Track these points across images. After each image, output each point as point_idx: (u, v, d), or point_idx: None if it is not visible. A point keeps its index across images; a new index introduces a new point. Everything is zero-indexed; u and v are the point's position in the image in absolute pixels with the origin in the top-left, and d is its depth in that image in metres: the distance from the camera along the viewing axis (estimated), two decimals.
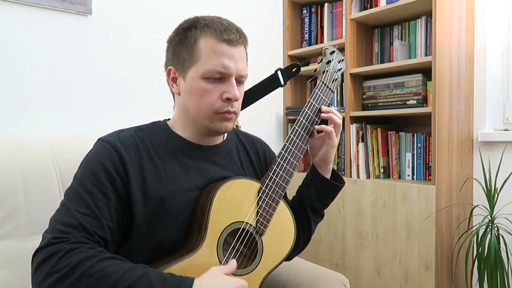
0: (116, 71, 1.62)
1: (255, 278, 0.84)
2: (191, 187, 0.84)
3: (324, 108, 0.93)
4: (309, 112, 0.91)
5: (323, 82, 0.95)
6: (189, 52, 0.83)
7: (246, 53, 0.89)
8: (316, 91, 0.93)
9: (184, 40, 0.84)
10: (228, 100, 0.83)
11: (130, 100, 1.67)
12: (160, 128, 0.89)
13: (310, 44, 2.25)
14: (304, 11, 2.28)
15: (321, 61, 0.98)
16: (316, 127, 0.92)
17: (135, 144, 0.83)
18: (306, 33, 2.27)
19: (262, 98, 1.09)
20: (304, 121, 0.91)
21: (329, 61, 0.97)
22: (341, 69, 0.99)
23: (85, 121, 1.53)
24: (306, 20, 2.26)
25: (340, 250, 1.95)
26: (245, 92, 0.99)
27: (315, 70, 0.98)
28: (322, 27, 2.20)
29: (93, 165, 0.79)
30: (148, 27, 1.71)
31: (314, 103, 0.92)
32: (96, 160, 0.79)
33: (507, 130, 1.83)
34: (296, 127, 0.90)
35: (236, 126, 1.80)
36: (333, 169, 0.98)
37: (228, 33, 0.82)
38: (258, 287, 0.85)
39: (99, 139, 0.84)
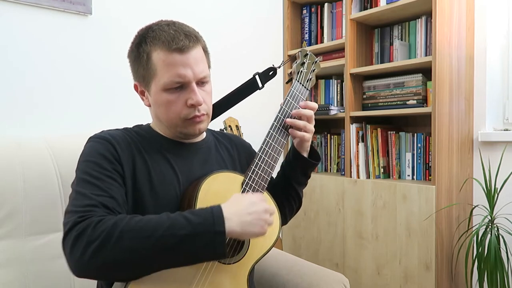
0: (116, 71, 1.62)
1: (243, 267, 0.87)
2: (177, 181, 0.88)
3: (294, 112, 0.97)
4: (286, 108, 0.97)
5: (298, 81, 1.01)
6: (145, 69, 0.86)
7: (204, 50, 0.90)
8: (292, 89, 0.99)
9: (138, 57, 0.87)
10: (193, 106, 0.86)
11: (130, 100, 1.66)
12: (144, 129, 0.94)
13: (310, 44, 2.25)
14: (304, 11, 2.28)
15: (295, 63, 1.05)
16: (288, 120, 0.95)
17: (125, 139, 0.88)
18: (306, 33, 2.27)
19: (262, 98, 1.12)
20: (281, 117, 0.96)
21: (303, 63, 1.04)
22: (314, 69, 1.06)
23: (85, 121, 1.54)
24: (306, 20, 2.26)
25: (340, 250, 1.95)
26: (225, 96, 1.06)
27: (291, 72, 1.05)
28: (322, 27, 2.20)
29: (92, 156, 0.82)
30: None
31: (290, 100, 0.98)
32: (94, 152, 0.83)
33: (507, 130, 1.83)
34: (275, 123, 0.95)
35: (236, 126, 1.80)
36: (311, 145, 1.04)
37: (177, 41, 0.83)
38: (247, 275, 0.87)
39: (90, 137, 0.88)
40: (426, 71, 1.74)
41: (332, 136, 2.17)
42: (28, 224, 1.03)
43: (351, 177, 1.93)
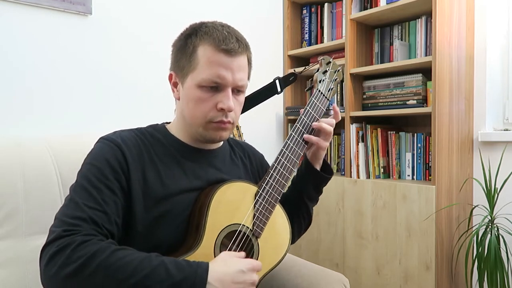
0: (116, 71, 1.62)
1: None
2: (190, 189, 0.86)
3: (315, 124, 0.95)
4: (306, 119, 0.94)
5: (319, 91, 0.98)
6: (188, 60, 0.84)
7: (249, 61, 0.89)
8: (313, 99, 0.97)
9: (184, 47, 0.85)
10: (222, 110, 0.83)
11: (130, 100, 1.67)
12: (159, 131, 0.91)
13: (310, 44, 2.25)
14: (304, 11, 2.28)
15: (317, 70, 1.01)
16: (305, 136, 0.93)
17: (137, 144, 0.84)
18: (306, 33, 2.27)
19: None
20: (301, 128, 0.93)
21: (325, 71, 1.01)
22: (336, 79, 1.03)
23: (85, 121, 1.54)
24: (306, 20, 2.26)
25: (340, 250, 1.95)
26: (245, 97, 1.01)
27: (312, 79, 1.02)
28: (322, 27, 2.20)
29: (98, 161, 0.79)
30: (148, 27, 1.71)
31: (311, 110, 0.95)
32: (100, 156, 0.80)
33: (507, 130, 1.83)
34: (293, 134, 0.92)
35: (237, 126, 1.80)
36: (324, 159, 1.01)
37: (227, 43, 0.82)
38: None
39: (101, 138, 0.85)
40: (426, 71, 1.74)
41: (332, 136, 2.17)
42: (28, 224, 1.03)
43: (351, 177, 1.93)
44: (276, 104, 2.26)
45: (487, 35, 1.80)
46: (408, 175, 1.83)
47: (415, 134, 1.81)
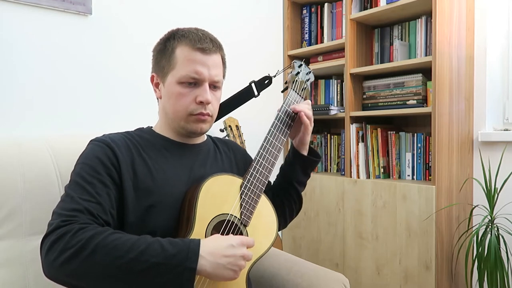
0: (116, 71, 1.62)
1: None
2: (178, 180, 0.91)
3: (294, 107, 1.00)
4: (282, 115, 1.01)
5: (293, 90, 1.05)
6: (167, 60, 0.92)
7: (223, 60, 0.97)
8: (288, 97, 1.04)
9: (164, 50, 0.93)
10: (201, 103, 0.90)
11: (131, 100, 1.67)
12: (145, 132, 0.98)
13: (310, 44, 2.25)
14: (304, 11, 2.28)
15: (290, 73, 1.09)
16: (298, 112, 0.99)
17: (125, 143, 0.90)
18: (306, 33, 2.27)
19: (261, 97, 1.17)
20: (278, 123, 1.00)
21: (298, 73, 1.09)
22: (309, 79, 1.11)
23: (85, 121, 1.54)
24: (306, 20, 2.26)
25: (340, 250, 1.95)
26: (222, 102, 1.08)
27: (286, 81, 1.09)
28: (322, 27, 2.20)
29: (89, 160, 0.85)
30: (149, 27, 1.71)
31: (286, 107, 1.02)
32: (92, 155, 0.85)
33: (507, 130, 1.83)
34: (272, 129, 0.98)
35: (236, 126, 1.80)
36: (309, 145, 1.07)
37: (202, 42, 0.90)
38: (246, 275, 0.89)
39: (91, 140, 0.90)
40: (426, 71, 1.74)
41: (332, 136, 2.17)
42: (28, 224, 1.03)
43: (351, 177, 1.93)
44: (275, 104, 2.26)
45: (487, 35, 1.80)
46: (408, 175, 1.83)
47: (415, 134, 1.81)
